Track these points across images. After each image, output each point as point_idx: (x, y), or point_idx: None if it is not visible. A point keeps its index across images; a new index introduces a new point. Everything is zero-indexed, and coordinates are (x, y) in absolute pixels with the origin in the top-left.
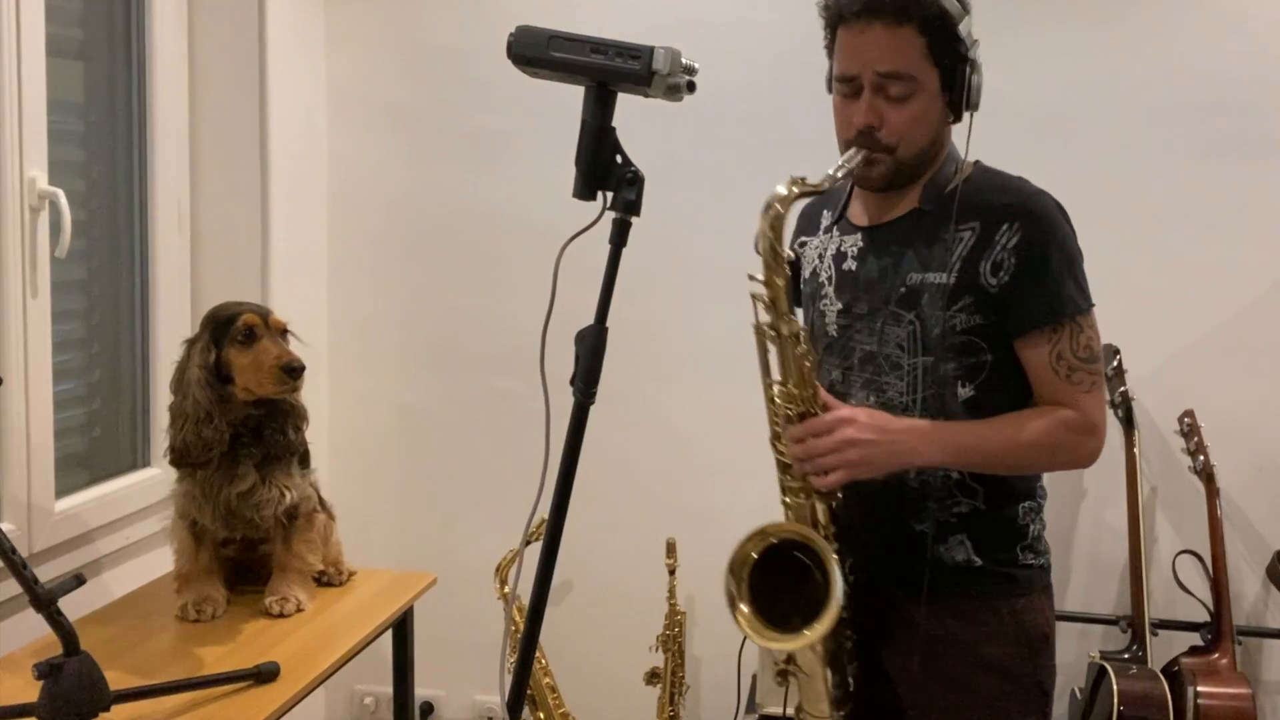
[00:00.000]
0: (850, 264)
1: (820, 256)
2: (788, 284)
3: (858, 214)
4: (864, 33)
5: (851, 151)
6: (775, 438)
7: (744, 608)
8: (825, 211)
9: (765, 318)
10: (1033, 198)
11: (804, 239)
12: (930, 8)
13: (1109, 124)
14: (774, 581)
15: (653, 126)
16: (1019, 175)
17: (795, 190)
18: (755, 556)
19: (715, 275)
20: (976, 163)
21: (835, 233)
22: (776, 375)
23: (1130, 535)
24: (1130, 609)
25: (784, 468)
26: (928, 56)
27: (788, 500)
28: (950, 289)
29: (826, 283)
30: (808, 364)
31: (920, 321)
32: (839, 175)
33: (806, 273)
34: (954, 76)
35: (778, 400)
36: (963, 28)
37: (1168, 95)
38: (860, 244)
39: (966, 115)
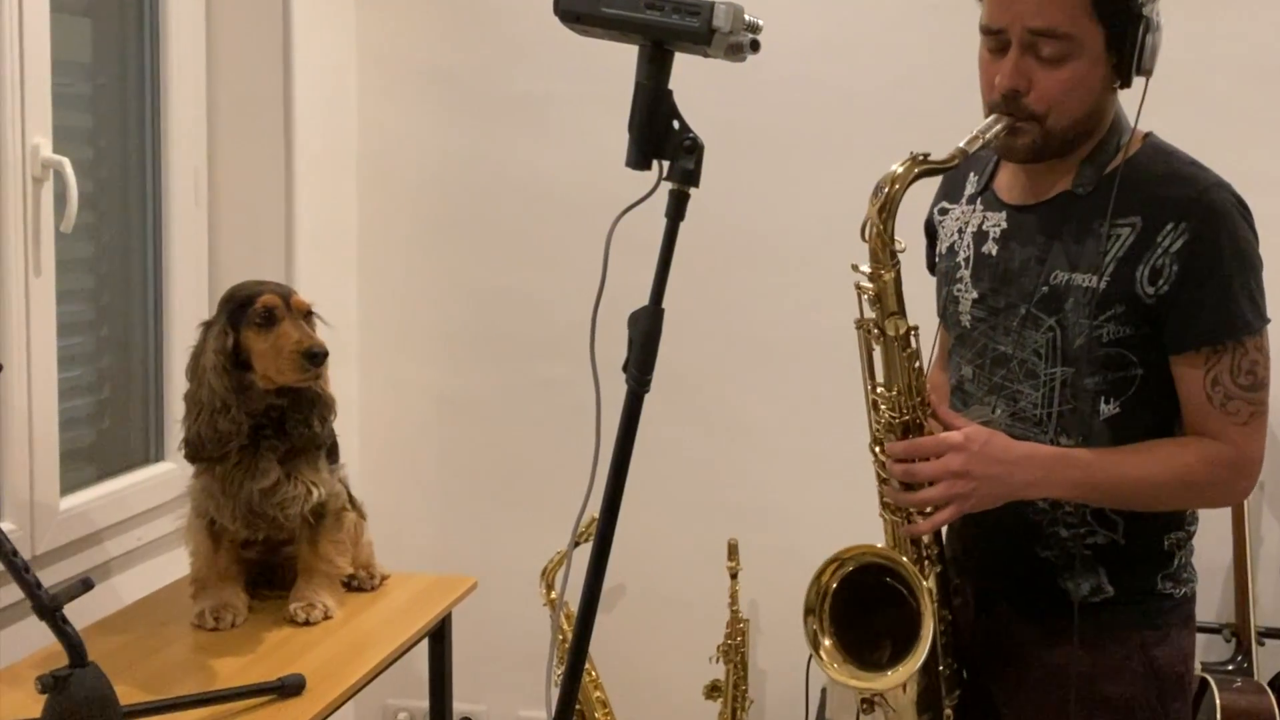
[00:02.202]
0: (990, 246)
1: (960, 231)
2: (896, 279)
3: (1005, 187)
4: None
5: (990, 120)
6: (875, 443)
7: (826, 641)
8: (972, 175)
9: (870, 314)
10: (1206, 192)
11: (945, 205)
12: None
13: (1229, 87)
14: (863, 604)
15: (713, 89)
16: (1193, 159)
17: (915, 170)
18: (835, 586)
19: (779, 251)
20: (1148, 136)
21: (979, 206)
22: (880, 377)
23: (1235, 536)
24: (1234, 616)
25: (883, 480)
26: (1091, 12)
27: (886, 515)
28: (1099, 295)
29: (964, 264)
30: (916, 366)
31: (1061, 328)
32: (972, 148)
33: (944, 247)
34: (1123, 36)
35: (881, 407)
36: None
37: None
38: (1004, 225)
39: (1139, 81)
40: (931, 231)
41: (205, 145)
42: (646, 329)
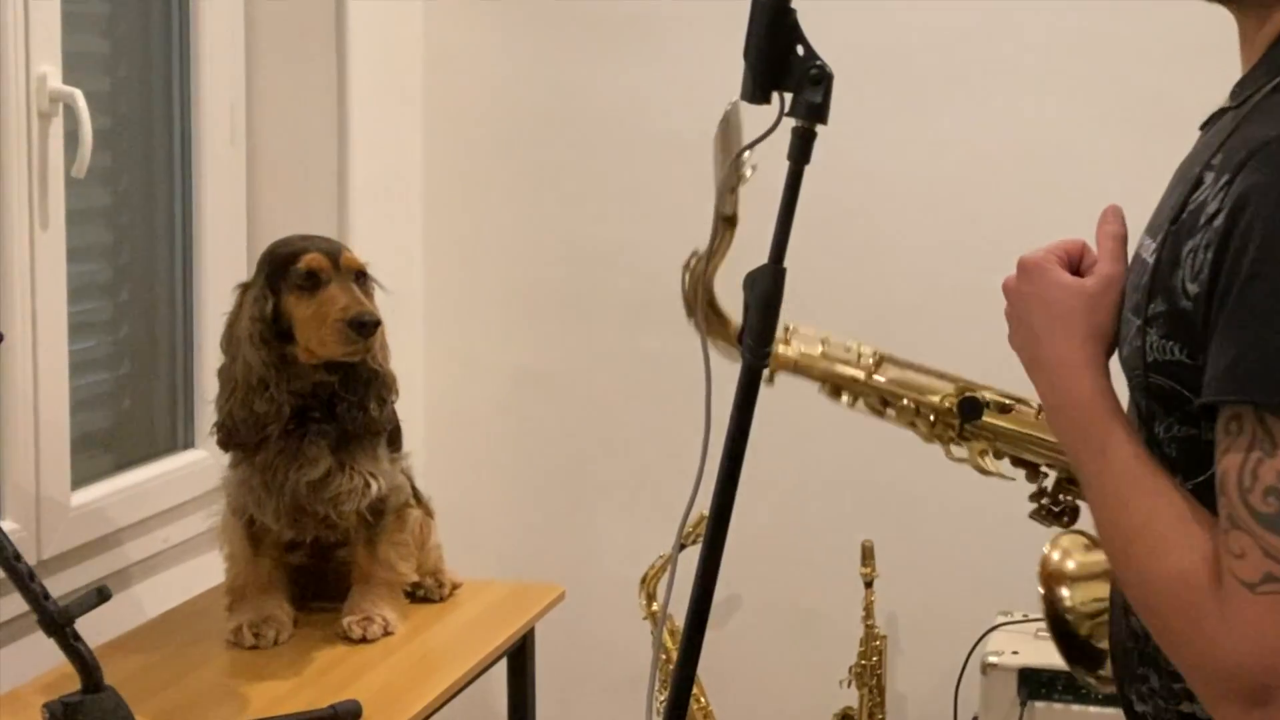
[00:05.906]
0: None
1: None
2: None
3: None
4: None
5: None
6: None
7: None
8: None
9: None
10: None
11: None
12: None
13: None
14: None
15: (843, 8)
16: None
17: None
18: None
19: (919, 201)
20: None
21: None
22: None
23: None
24: None
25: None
26: None
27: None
28: (1148, 276)
29: None
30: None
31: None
32: None
33: None
34: None
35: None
36: None
37: None
38: None
39: None
40: None
41: (243, 75)
42: (765, 292)
